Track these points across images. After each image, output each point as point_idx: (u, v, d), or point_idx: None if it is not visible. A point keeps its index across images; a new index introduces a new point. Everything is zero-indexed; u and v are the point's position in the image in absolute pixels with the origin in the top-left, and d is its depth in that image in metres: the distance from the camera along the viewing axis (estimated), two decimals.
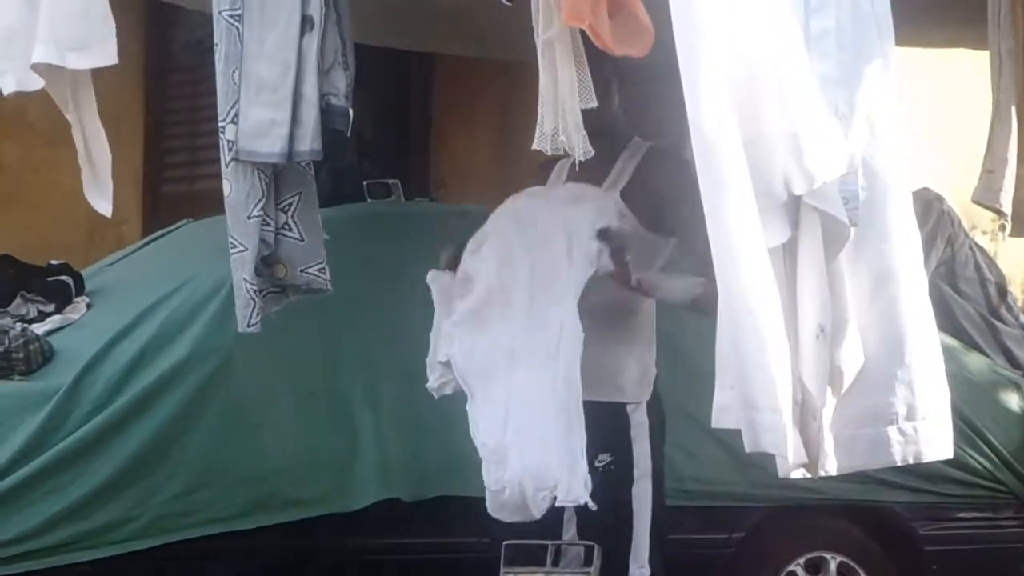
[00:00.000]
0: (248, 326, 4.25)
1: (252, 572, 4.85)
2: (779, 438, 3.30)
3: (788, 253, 3.41)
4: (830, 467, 3.53)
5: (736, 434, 3.62)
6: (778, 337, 3.26)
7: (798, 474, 3.47)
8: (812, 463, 3.48)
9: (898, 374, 3.52)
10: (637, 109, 4.47)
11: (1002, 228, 4.75)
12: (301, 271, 4.34)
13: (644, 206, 4.23)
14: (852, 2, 3.39)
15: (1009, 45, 4.60)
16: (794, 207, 3.39)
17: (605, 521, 4.18)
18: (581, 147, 3.68)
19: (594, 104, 3.68)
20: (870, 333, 3.50)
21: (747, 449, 3.32)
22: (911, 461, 3.60)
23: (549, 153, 3.72)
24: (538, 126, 3.65)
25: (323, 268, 4.33)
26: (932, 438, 3.59)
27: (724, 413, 3.45)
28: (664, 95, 3.53)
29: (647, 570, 4.20)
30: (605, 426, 4.19)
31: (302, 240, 4.33)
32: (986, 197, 4.67)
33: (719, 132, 3.23)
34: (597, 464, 4.20)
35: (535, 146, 3.68)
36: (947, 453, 3.60)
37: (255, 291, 4.23)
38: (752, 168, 3.28)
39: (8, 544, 4.49)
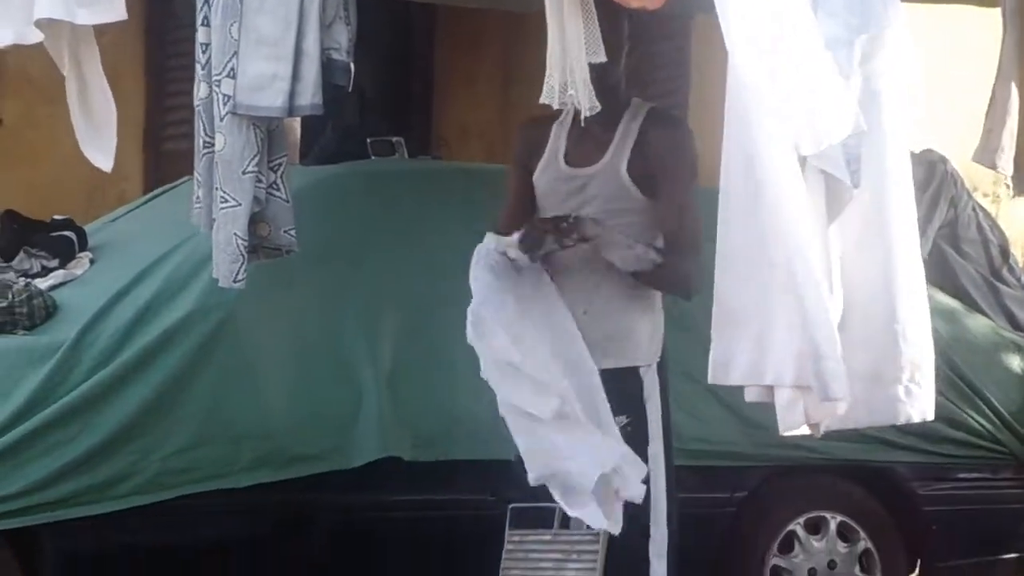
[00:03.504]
0: (234, 282, 4.27)
1: (258, 528, 4.86)
2: (844, 385, 3.32)
3: None
4: (833, 424, 3.55)
5: (738, 393, 3.64)
6: (823, 290, 3.29)
7: (802, 431, 3.48)
8: (815, 423, 3.50)
9: (891, 338, 3.53)
10: (645, 68, 4.46)
11: (1007, 187, 4.77)
12: (284, 232, 4.36)
13: (646, 174, 4.22)
14: None
15: (1013, 5, 4.60)
16: (799, 167, 3.40)
17: None
18: (588, 103, 3.67)
19: (603, 58, 3.67)
20: (858, 292, 3.51)
21: (820, 398, 3.32)
22: (902, 421, 3.62)
23: (556, 107, 3.72)
24: (546, 80, 3.65)
25: (295, 231, 4.37)
26: (920, 400, 3.62)
27: (726, 369, 3.47)
28: (670, 55, 3.53)
29: (666, 530, 4.21)
30: (621, 390, 4.22)
31: (287, 201, 4.36)
32: (984, 158, 4.68)
33: (759, 84, 3.23)
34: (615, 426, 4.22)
35: (542, 100, 3.68)
36: (930, 415, 3.62)
37: (245, 247, 4.24)
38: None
39: (12, 498, 4.49)
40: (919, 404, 3.61)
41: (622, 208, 4.25)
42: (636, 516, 4.21)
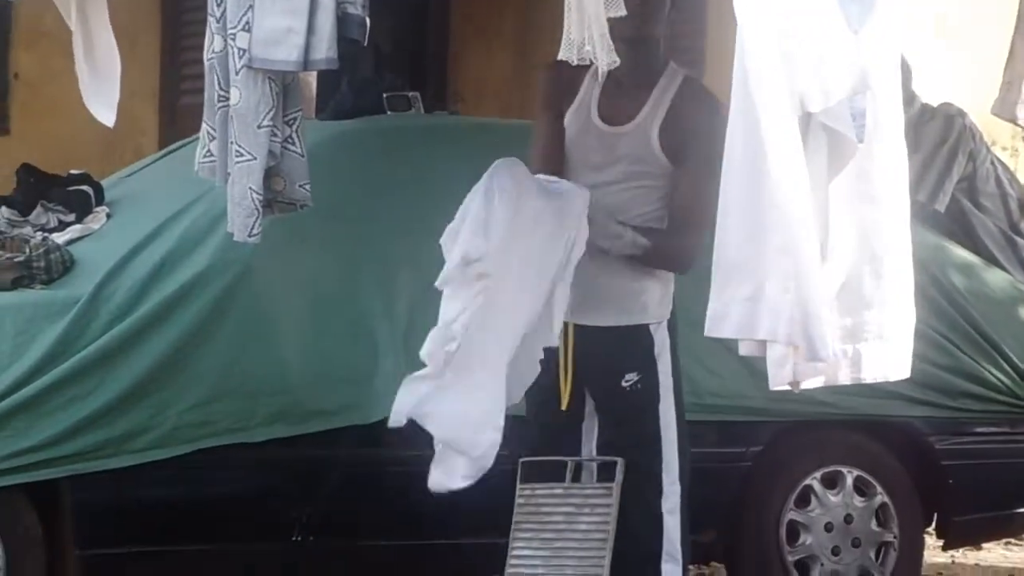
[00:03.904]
0: (249, 236, 4.28)
1: (272, 482, 4.88)
2: (829, 348, 3.33)
3: None
4: (811, 382, 3.57)
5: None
6: (816, 253, 3.29)
7: (783, 387, 3.50)
8: (796, 379, 3.52)
9: (873, 294, 3.54)
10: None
11: None
12: (299, 186, 4.37)
13: (674, 140, 4.23)
14: None
15: None
16: (803, 125, 3.39)
17: (634, 439, 4.20)
18: (607, 58, 3.66)
19: (621, 12, 3.66)
20: (849, 251, 3.51)
21: (808, 359, 3.33)
22: (878, 380, 3.64)
23: (575, 63, 3.70)
24: (564, 34, 3.64)
25: (309, 185, 4.37)
26: (894, 358, 3.62)
27: (721, 322, 3.48)
28: (686, 12, 3.52)
29: (678, 486, 4.23)
30: (632, 346, 4.23)
31: (302, 156, 4.36)
32: (1003, 110, 4.66)
33: (762, 47, 3.21)
34: (625, 383, 4.24)
35: (561, 55, 3.67)
36: (906, 373, 3.63)
37: (260, 201, 4.25)
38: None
39: (30, 451, 4.52)
40: (897, 361, 3.62)
41: (645, 171, 4.25)
42: (650, 471, 4.23)
